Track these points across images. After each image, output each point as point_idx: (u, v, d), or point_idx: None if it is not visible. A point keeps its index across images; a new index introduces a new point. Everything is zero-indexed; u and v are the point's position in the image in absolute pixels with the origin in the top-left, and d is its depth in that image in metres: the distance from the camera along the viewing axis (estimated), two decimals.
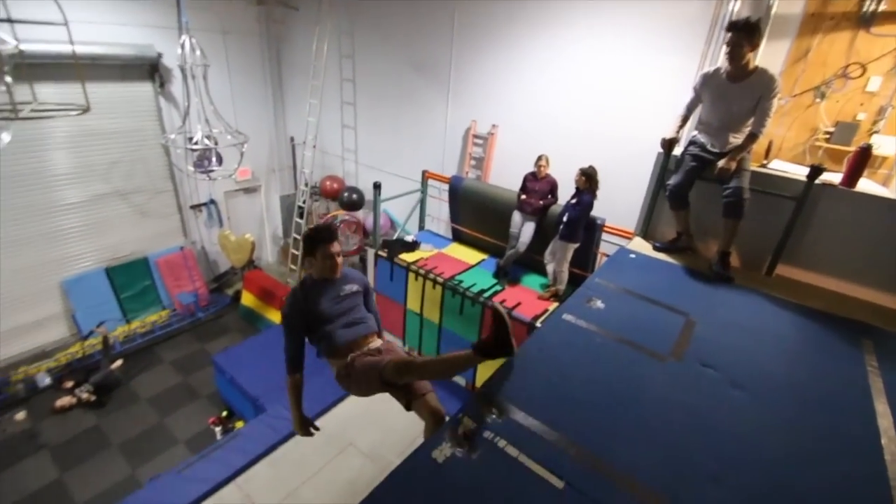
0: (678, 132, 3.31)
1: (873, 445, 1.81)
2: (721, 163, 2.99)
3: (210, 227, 8.45)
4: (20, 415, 5.92)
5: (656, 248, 3.40)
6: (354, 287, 2.47)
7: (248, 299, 8.03)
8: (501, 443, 1.64)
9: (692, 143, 3.25)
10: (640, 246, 3.47)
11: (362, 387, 2.29)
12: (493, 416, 1.76)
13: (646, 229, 3.62)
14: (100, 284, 7.20)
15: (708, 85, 3.09)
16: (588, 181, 4.13)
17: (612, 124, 5.00)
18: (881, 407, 2.03)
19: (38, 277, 6.74)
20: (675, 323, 2.44)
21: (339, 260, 2.38)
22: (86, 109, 4.75)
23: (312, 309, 2.31)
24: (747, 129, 3.03)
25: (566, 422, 1.76)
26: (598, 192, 4.23)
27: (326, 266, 2.36)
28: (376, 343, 2.42)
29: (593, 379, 2.03)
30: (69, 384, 6.23)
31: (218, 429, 5.83)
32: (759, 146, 3.24)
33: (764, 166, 3.43)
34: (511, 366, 2.03)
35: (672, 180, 3.23)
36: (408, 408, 2.26)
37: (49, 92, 5.68)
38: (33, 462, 5.35)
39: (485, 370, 4.81)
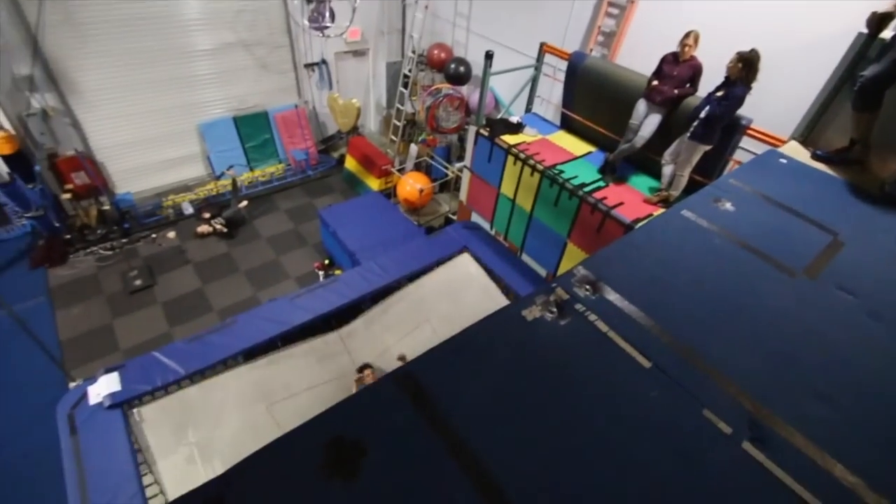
0: None
1: None
2: None
3: (321, 89, 8.68)
4: (171, 233, 7.22)
5: (816, 157, 2.83)
6: None
7: (351, 164, 8.47)
8: (592, 317, 1.63)
9: None
10: (795, 151, 2.91)
11: None
12: (587, 293, 1.73)
13: (809, 133, 3.00)
14: (229, 131, 7.98)
15: None
16: (746, 69, 3.38)
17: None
18: None
19: (179, 118, 7.61)
20: (817, 240, 2.11)
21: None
22: None
23: None
24: None
25: (664, 312, 1.68)
26: (753, 86, 3.49)
27: None
28: None
29: (703, 279, 1.88)
30: (206, 215, 7.35)
31: (321, 272, 6.67)
32: None
33: None
34: (613, 249, 1.94)
35: (869, 71, 2.53)
36: None
37: None
38: (182, 272, 6.64)
39: (568, 261, 4.76)
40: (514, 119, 5.37)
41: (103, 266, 6.57)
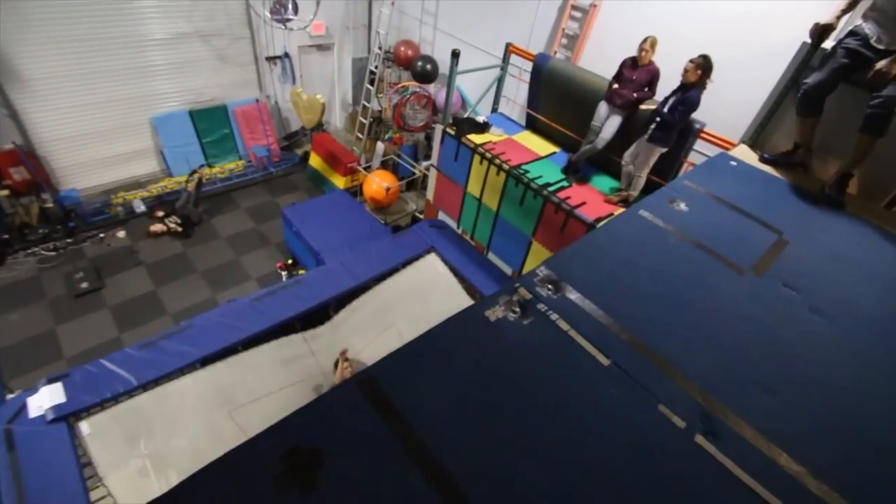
0: (839, 18, 2.67)
1: None
2: (881, 63, 2.42)
3: (284, 83, 8.43)
4: (121, 233, 6.83)
5: (764, 160, 2.99)
6: None
7: (315, 161, 8.27)
8: (554, 316, 1.65)
9: (852, 34, 2.62)
10: (745, 154, 3.06)
11: None
12: (549, 292, 1.75)
13: (756, 137, 3.16)
14: (185, 125, 7.62)
15: None
16: (702, 74, 3.53)
17: (743, 10, 4.12)
18: None
19: (131, 110, 7.21)
20: (764, 239, 2.22)
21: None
22: None
23: None
24: None
25: (623, 310, 1.72)
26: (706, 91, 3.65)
27: None
28: None
29: (659, 277, 1.94)
30: (160, 213, 6.99)
31: (284, 273, 6.49)
32: None
33: None
34: (574, 249, 1.97)
35: (811, 79, 2.69)
36: None
37: None
38: (133, 274, 6.29)
39: (534, 260, 4.84)
40: (481, 118, 5.40)
41: (46, 268, 6.14)
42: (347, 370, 4.08)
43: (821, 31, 2.72)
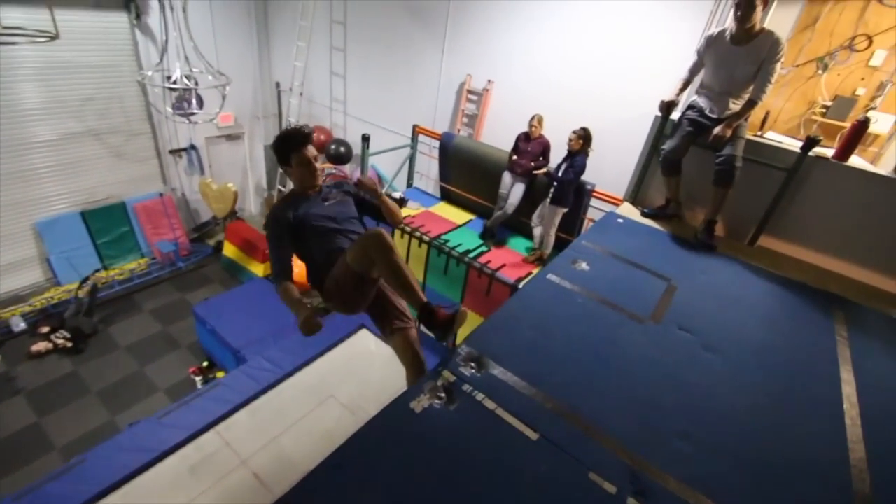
0: (678, 95, 3.23)
1: (836, 409, 1.88)
2: (717, 129, 2.94)
3: (191, 174, 8.15)
4: None
5: (644, 214, 3.39)
6: (340, 196, 2.26)
7: (230, 250, 7.90)
8: (479, 396, 1.65)
9: (691, 107, 3.18)
10: (629, 211, 3.46)
11: (344, 293, 2.07)
12: (473, 371, 1.76)
13: (635, 195, 3.60)
14: (75, 228, 6.96)
15: (712, 48, 2.99)
16: (583, 143, 4.04)
17: (610, 86, 4.85)
18: (846, 374, 2.11)
19: (10, 218, 6.48)
20: (656, 287, 2.46)
21: (318, 165, 2.14)
22: (54, 37, 4.41)
23: (298, 218, 2.07)
24: (747, 96, 2.96)
25: (544, 377, 1.78)
26: (590, 157, 4.16)
27: (306, 173, 2.12)
28: None
29: (573, 338, 2.04)
30: (45, 329, 6.13)
31: (198, 378, 5.85)
32: (754, 116, 3.19)
33: (759, 136, 3.39)
34: (492, 322, 2.03)
35: (667, 145, 3.18)
36: (386, 332, 2.24)
37: (15, 16, 5.26)
38: (9, 406, 5.32)
39: (466, 327, 4.87)
40: (397, 194, 5.58)
41: None
42: None
43: (667, 107, 3.26)
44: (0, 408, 5.27)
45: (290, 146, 2.09)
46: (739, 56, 2.85)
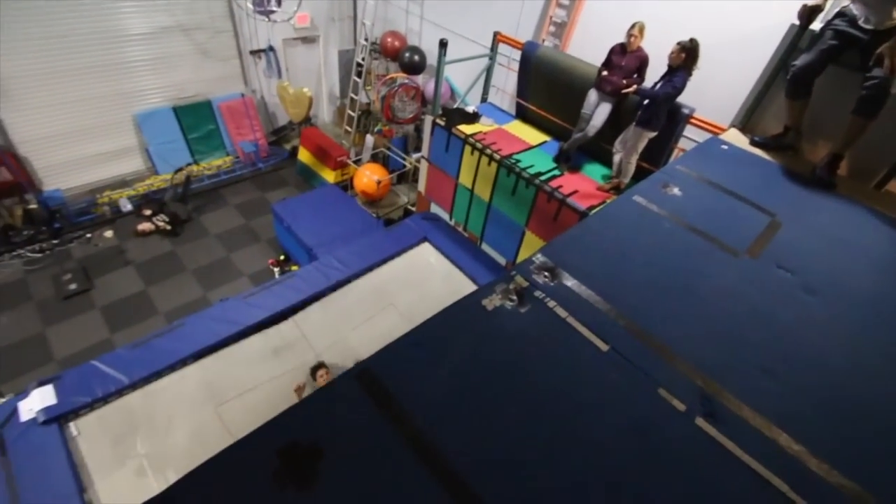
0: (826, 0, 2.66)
1: None
2: (885, 48, 2.38)
3: (269, 77, 8.28)
4: (108, 233, 6.70)
5: (754, 143, 2.99)
6: None
7: (304, 156, 8.17)
8: (551, 303, 1.64)
9: (840, 15, 2.62)
10: (736, 138, 3.07)
11: None
12: (546, 279, 1.74)
13: (747, 120, 3.16)
14: (169, 122, 7.47)
15: None
16: (687, 57, 3.52)
17: None
18: None
19: (113, 108, 7.04)
20: (757, 221, 2.23)
21: None
22: None
23: None
24: None
25: (620, 296, 1.72)
26: (692, 78, 3.64)
27: None
28: None
29: (655, 262, 1.93)
30: (147, 212, 6.87)
31: (276, 269, 6.42)
32: None
33: None
34: (570, 235, 1.96)
35: (800, 60, 2.69)
36: None
37: None
38: (123, 274, 6.18)
39: (527, 249, 4.83)
40: (470, 109, 5.35)
41: (32, 270, 6.01)
42: (323, 379, 3.95)
43: (809, 13, 2.71)
44: (115, 275, 6.15)
45: None
46: None
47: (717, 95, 3.88)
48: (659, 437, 1.30)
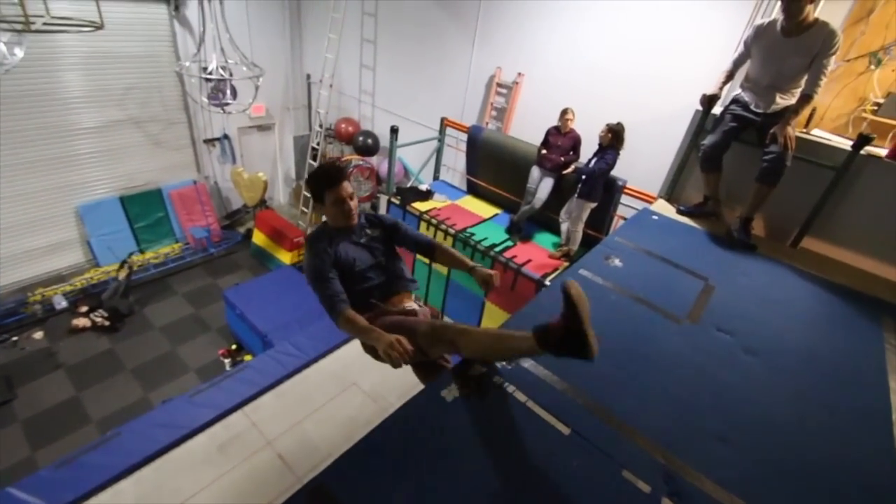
0: (721, 89, 3.11)
1: (884, 420, 1.79)
2: (776, 128, 2.75)
3: (223, 163, 8.36)
4: (38, 334, 6.15)
5: (680, 212, 3.29)
6: (376, 231, 2.09)
7: (259, 238, 8.08)
8: (511, 388, 1.64)
9: (734, 101, 3.05)
10: (664, 208, 3.36)
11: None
12: (504, 363, 1.75)
13: (671, 191, 3.49)
14: (114, 212, 7.25)
15: (760, 39, 2.86)
16: (614, 138, 3.96)
17: (646, 81, 4.70)
18: (895, 383, 2.00)
19: (53, 201, 6.79)
20: (693, 287, 2.38)
21: (354, 203, 1.96)
22: (99, 27, 4.57)
23: (337, 258, 1.90)
24: (795, 91, 2.83)
25: (576, 373, 1.74)
26: (622, 153, 4.07)
27: (339, 212, 1.94)
28: (411, 304, 2.04)
29: (605, 334, 1.98)
30: (84, 308, 6.41)
31: (227, 360, 6.03)
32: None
33: (805, 133, 3.23)
34: (523, 315, 2.00)
35: (707, 140, 3.06)
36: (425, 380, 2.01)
37: (62, 6, 5.46)
38: (51, 379, 5.59)
39: (489, 319, 4.85)
40: (424, 187, 5.60)
41: None
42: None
43: (708, 100, 3.14)
44: (43, 381, 5.56)
45: (324, 183, 1.91)
46: (790, 48, 2.71)
47: (644, 168, 4.29)
48: None
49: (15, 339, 5.99)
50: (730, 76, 3.12)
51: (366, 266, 1.96)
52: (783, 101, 2.85)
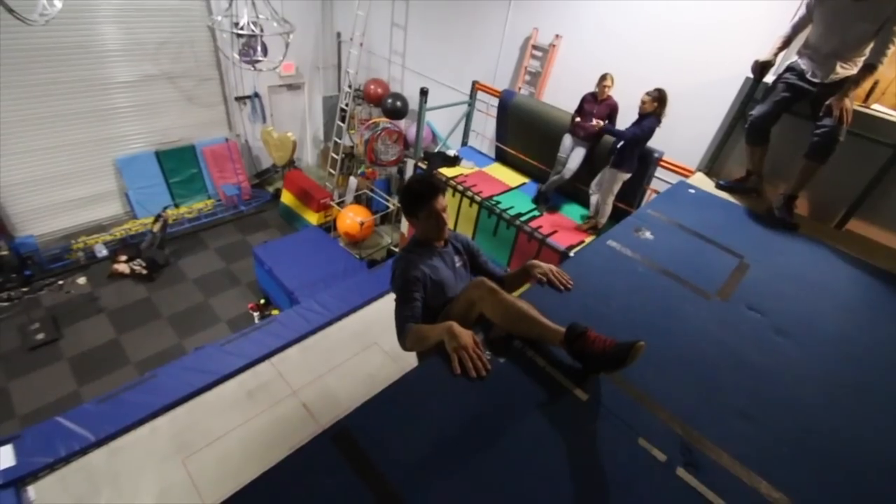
0: (776, 55, 2.89)
1: None
2: (832, 100, 2.56)
3: (254, 122, 8.43)
4: (82, 279, 6.52)
5: (720, 186, 3.14)
6: (464, 257, 2.07)
7: (287, 198, 8.21)
8: (530, 353, 1.65)
9: (789, 69, 2.84)
10: (702, 182, 3.22)
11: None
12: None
13: (711, 165, 3.33)
14: (150, 166, 7.46)
15: (825, 1, 2.62)
16: (657, 104, 3.73)
17: (691, 47, 4.41)
18: None
19: (93, 153, 7.03)
20: (726, 263, 2.30)
21: (446, 216, 1.91)
22: None
23: (427, 278, 1.87)
24: (858, 60, 2.60)
25: None
26: (661, 124, 3.86)
27: (434, 226, 1.89)
28: None
29: (630, 306, 1.97)
30: (123, 257, 6.73)
31: (256, 314, 6.28)
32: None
33: (864, 108, 3.00)
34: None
35: (756, 111, 2.88)
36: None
37: None
38: (94, 322, 5.97)
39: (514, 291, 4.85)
40: (451, 152, 5.52)
41: None
42: None
43: (761, 67, 2.93)
44: (86, 323, 5.94)
45: (422, 199, 1.85)
46: (857, 12, 2.48)
47: (683, 141, 4.09)
48: (641, 488, 1.28)
49: (61, 282, 6.37)
50: (787, 42, 2.89)
51: (453, 294, 1.93)
52: (844, 70, 2.63)
